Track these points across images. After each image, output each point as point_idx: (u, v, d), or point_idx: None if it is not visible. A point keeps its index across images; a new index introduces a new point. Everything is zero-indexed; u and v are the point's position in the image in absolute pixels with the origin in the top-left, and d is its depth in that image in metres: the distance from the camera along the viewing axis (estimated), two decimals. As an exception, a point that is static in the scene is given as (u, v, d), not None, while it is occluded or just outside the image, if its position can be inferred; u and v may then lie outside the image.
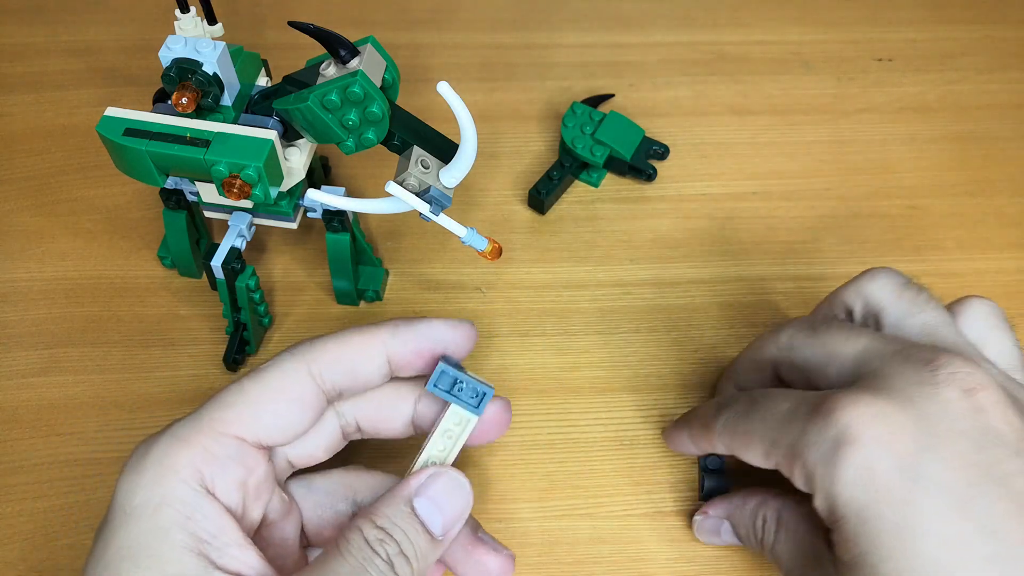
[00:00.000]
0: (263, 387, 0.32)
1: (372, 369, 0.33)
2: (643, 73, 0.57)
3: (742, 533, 0.36)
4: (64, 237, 0.48)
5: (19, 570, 0.39)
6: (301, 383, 0.32)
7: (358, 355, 0.33)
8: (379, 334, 0.33)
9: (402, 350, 0.33)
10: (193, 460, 0.30)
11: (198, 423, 0.31)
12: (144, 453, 0.30)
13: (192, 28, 0.40)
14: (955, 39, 0.59)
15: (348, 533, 0.30)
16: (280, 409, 0.32)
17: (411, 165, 0.38)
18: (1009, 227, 0.50)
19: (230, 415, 0.31)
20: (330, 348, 0.32)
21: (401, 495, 0.31)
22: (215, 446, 0.30)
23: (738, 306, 0.47)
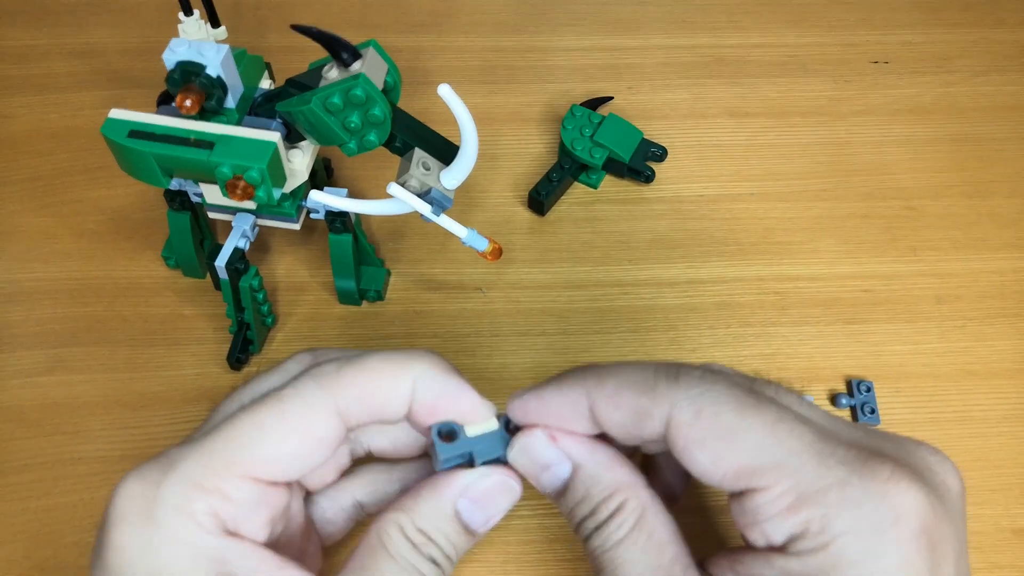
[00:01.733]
0: (285, 423, 0.28)
1: (396, 409, 0.29)
2: (641, 76, 0.57)
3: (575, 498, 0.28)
4: (69, 238, 0.49)
5: (23, 567, 0.39)
6: (326, 421, 0.28)
7: (385, 392, 0.29)
8: (410, 371, 0.29)
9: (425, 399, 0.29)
10: (212, 508, 0.27)
11: (212, 463, 0.27)
12: (150, 502, 0.26)
13: (196, 31, 0.40)
14: (951, 42, 0.59)
15: (389, 529, 0.28)
16: (303, 450, 0.28)
17: (412, 167, 0.39)
18: (1004, 228, 0.51)
19: (249, 456, 0.27)
20: (359, 380, 0.28)
21: (445, 496, 0.29)
22: (236, 492, 0.27)
23: (735, 306, 0.47)
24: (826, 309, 0.47)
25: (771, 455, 0.25)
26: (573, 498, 0.28)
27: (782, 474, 0.25)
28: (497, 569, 0.39)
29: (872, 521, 0.24)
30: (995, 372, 0.45)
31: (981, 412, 0.44)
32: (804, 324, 0.47)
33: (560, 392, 0.29)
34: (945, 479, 0.26)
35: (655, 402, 0.27)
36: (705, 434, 0.26)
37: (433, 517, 0.29)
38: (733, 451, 0.25)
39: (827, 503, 0.24)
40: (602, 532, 0.27)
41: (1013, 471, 0.42)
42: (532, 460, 0.29)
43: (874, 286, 0.48)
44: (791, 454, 0.25)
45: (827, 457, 0.25)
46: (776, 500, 0.25)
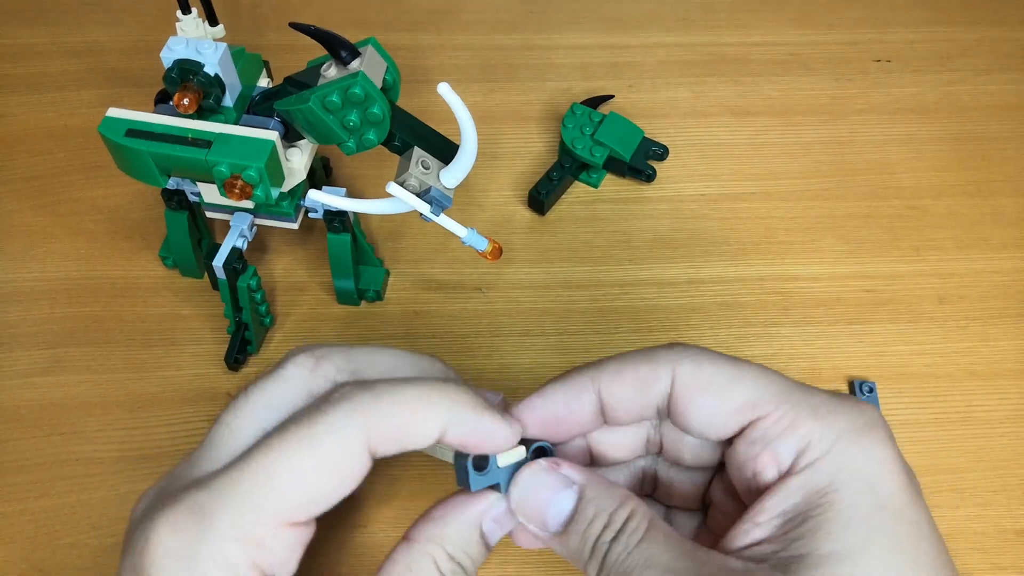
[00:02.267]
0: (321, 463, 0.26)
1: (423, 444, 0.29)
2: (642, 74, 0.57)
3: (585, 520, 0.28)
4: (66, 237, 0.49)
5: (21, 568, 0.39)
6: (359, 458, 0.27)
7: (416, 429, 0.28)
8: (442, 409, 0.28)
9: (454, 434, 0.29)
10: (254, 559, 0.26)
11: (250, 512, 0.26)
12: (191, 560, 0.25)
13: (193, 29, 0.40)
14: (953, 40, 0.59)
15: (422, 561, 0.28)
16: (336, 488, 0.27)
17: (412, 166, 0.38)
18: (1007, 227, 0.50)
19: (286, 503, 0.26)
20: (393, 417, 0.27)
21: (470, 518, 0.29)
22: (275, 542, 0.26)
23: (737, 306, 0.47)
24: (828, 309, 0.47)
25: (768, 389, 0.29)
26: (584, 519, 0.28)
27: (780, 401, 0.28)
28: (497, 571, 0.39)
29: (858, 425, 0.28)
30: (998, 372, 0.45)
31: (984, 413, 0.44)
32: (806, 324, 0.46)
33: (564, 384, 0.31)
34: None
35: (657, 365, 0.29)
36: (708, 381, 0.29)
37: (462, 543, 0.29)
38: (735, 390, 0.29)
39: (820, 417, 0.28)
40: (621, 538, 0.28)
41: (1015, 472, 0.42)
42: (537, 490, 0.29)
43: (876, 286, 0.48)
44: (782, 388, 0.29)
45: (808, 389, 0.29)
46: (779, 421, 0.28)
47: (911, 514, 0.27)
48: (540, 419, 0.30)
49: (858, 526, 0.26)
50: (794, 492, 0.27)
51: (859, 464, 0.27)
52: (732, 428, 0.29)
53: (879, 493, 0.27)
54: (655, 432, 0.32)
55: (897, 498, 0.27)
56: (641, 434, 0.32)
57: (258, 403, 0.29)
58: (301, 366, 0.30)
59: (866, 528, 0.26)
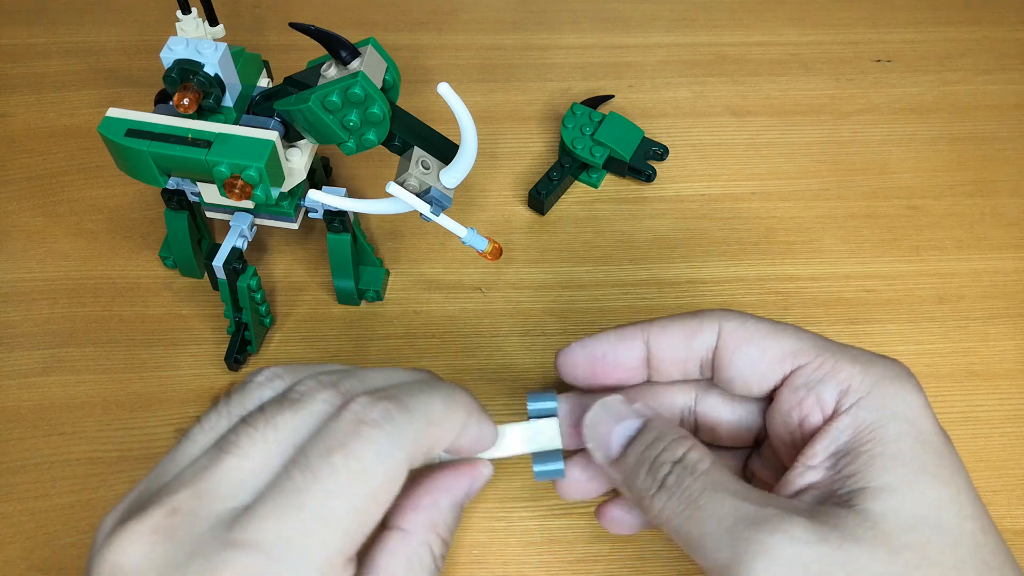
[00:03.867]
0: (371, 493, 0.25)
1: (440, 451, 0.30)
2: (642, 74, 0.57)
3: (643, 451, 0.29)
4: (66, 237, 0.49)
5: (20, 569, 0.39)
6: (402, 481, 0.27)
7: (443, 441, 0.29)
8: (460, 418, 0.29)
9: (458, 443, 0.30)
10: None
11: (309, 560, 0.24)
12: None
13: (193, 29, 0.40)
14: (953, 40, 0.59)
15: (422, 554, 0.28)
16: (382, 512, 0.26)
17: (412, 166, 0.38)
18: (1007, 227, 0.50)
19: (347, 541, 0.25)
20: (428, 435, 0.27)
21: (457, 501, 0.30)
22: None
23: (737, 306, 0.47)
24: (828, 309, 0.47)
25: (807, 341, 0.31)
26: (644, 441, 0.30)
27: (819, 351, 0.30)
28: (497, 571, 0.39)
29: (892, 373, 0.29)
30: (998, 373, 0.45)
31: (984, 413, 0.44)
32: (806, 324, 0.46)
33: (616, 331, 0.33)
34: None
35: (704, 319, 0.32)
36: (751, 334, 0.31)
37: (452, 523, 0.30)
38: (777, 342, 0.31)
39: (858, 362, 0.30)
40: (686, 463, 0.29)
41: (1015, 472, 0.42)
42: (611, 414, 0.31)
43: (876, 286, 0.48)
44: (820, 341, 0.31)
45: (844, 345, 0.31)
46: (821, 367, 0.30)
47: (949, 454, 0.28)
48: (589, 356, 0.33)
49: (907, 458, 0.27)
50: (843, 431, 0.28)
51: (900, 405, 0.29)
52: (775, 378, 0.31)
53: (921, 431, 0.28)
54: (690, 415, 0.34)
55: (936, 438, 0.28)
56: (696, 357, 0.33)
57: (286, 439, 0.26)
58: (329, 403, 0.27)
59: (914, 461, 0.27)
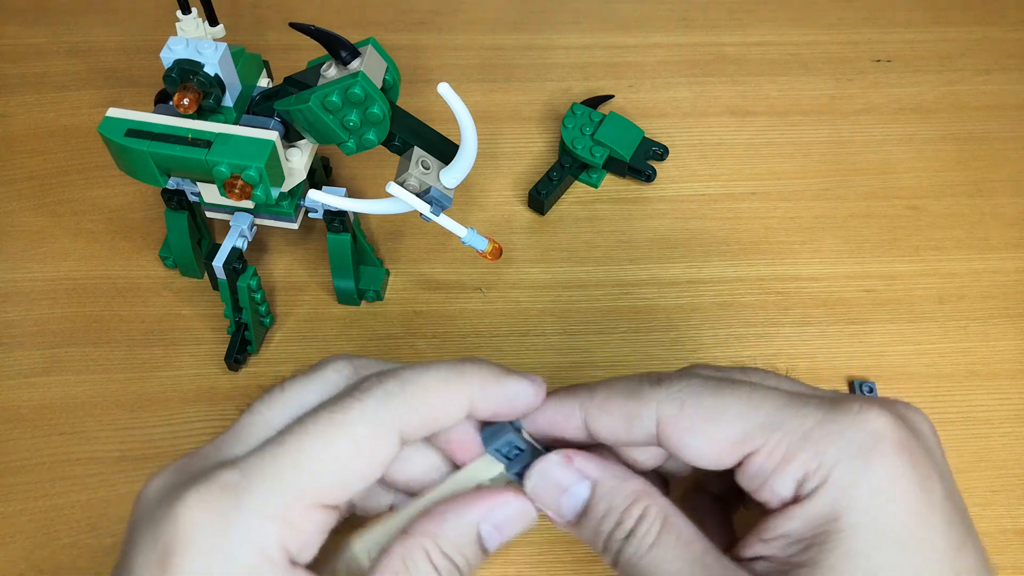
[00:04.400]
0: (354, 448, 0.27)
1: (450, 423, 0.30)
2: (642, 74, 0.57)
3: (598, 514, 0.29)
4: (66, 237, 0.49)
5: (20, 568, 0.39)
6: (390, 443, 0.28)
7: (445, 411, 0.29)
8: (469, 386, 0.29)
9: (484, 407, 0.30)
10: (282, 539, 0.26)
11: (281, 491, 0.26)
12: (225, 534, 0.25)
13: (193, 29, 0.40)
14: (953, 40, 0.59)
15: (415, 556, 0.28)
16: (368, 472, 0.28)
17: (412, 166, 0.38)
18: (1007, 227, 0.50)
19: (319, 485, 0.27)
20: (423, 402, 0.28)
21: (469, 519, 0.29)
22: (304, 522, 0.27)
23: (737, 306, 0.47)
24: (828, 309, 0.47)
25: (753, 420, 0.28)
26: (596, 515, 0.29)
27: (768, 432, 0.27)
28: (497, 571, 0.39)
29: (856, 446, 0.26)
30: (998, 373, 0.45)
31: (984, 413, 0.44)
32: (806, 324, 0.46)
33: (556, 404, 0.31)
34: (908, 413, 0.28)
35: (642, 404, 0.29)
36: (692, 421, 0.28)
37: (458, 542, 0.29)
38: (720, 427, 0.28)
39: (814, 441, 0.27)
40: (632, 541, 0.28)
41: (1015, 472, 0.42)
42: (550, 484, 0.30)
43: (876, 286, 0.48)
44: (770, 415, 0.28)
45: (800, 408, 0.28)
46: (771, 455, 0.27)
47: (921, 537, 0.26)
48: (538, 428, 0.31)
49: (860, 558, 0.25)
50: (796, 520, 0.27)
51: (862, 490, 0.26)
52: (727, 463, 0.28)
53: (884, 521, 0.26)
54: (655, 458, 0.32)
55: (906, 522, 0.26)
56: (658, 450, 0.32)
57: (293, 398, 0.29)
58: (340, 372, 0.30)
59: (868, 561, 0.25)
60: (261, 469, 0.26)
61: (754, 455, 0.27)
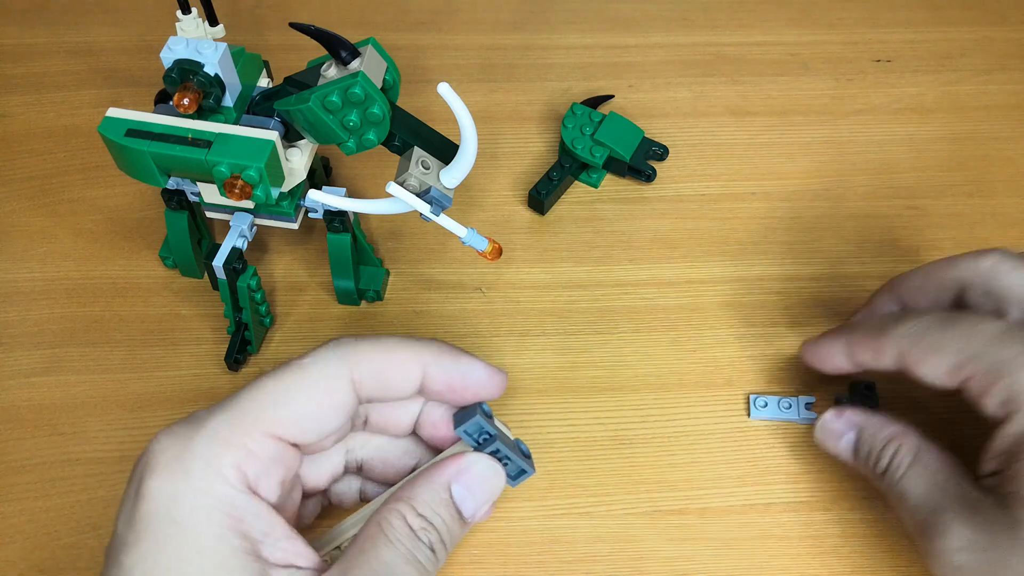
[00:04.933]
0: (307, 387, 0.31)
1: (406, 387, 0.33)
2: (642, 74, 0.57)
3: (864, 452, 0.37)
4: (66, 237, 0.49)
5: (20, 569, 0.39)
6: (343, 388, 0.31)
7: (398, 369, 0.32)
8: (422, 353, 0.33)
9: (438, 376, 0.33)
10: (238, 462, 0.29)
11: (239, 421, 0.30)
12: (181, 453, 0.29)
13: (193, 29, 0.40)
14: (953, 40, 0.59)
15: (390, 517, 0.30)
16: (322, 413, 0.31)
17: (412, 166, 0.38)
18: (1008, 227, 0.50)
19: (273, 415, 0.30)
20: (374, 356, 0.32)
21: (440, 481, 0.32)
22: (259, 448, 0.30)
23: (737, 306, 0.47)
24: (828, 309, 0.47)
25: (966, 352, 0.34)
26: (862, 452, 0.37)
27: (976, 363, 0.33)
28: (498, 571, 0.39)
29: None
30: (998, 372, 0.45)
31: (984, 413, 0.44)
32: (806, 324, 0.46)
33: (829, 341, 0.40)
34: None
35: (886, 339, 0.36)
36: (921, 353, 0.35)
37: (431, 503, 0.31)
38: (940, 358, 0.34)
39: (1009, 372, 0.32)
40: (888, 472, 0.36)
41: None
42: (829, 431, 0.38)
43: (877, 286, 0.48)
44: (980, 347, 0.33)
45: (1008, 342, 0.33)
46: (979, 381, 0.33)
47: None
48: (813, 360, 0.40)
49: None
50: (1004, 438, 0.32)
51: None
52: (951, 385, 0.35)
53: None
54: None
55: None
56: None
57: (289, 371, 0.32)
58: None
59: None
60: (223, 405, 0.30)
61: (969, 380, 0.34)
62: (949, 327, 0.35)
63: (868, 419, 0.38)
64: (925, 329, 0.35)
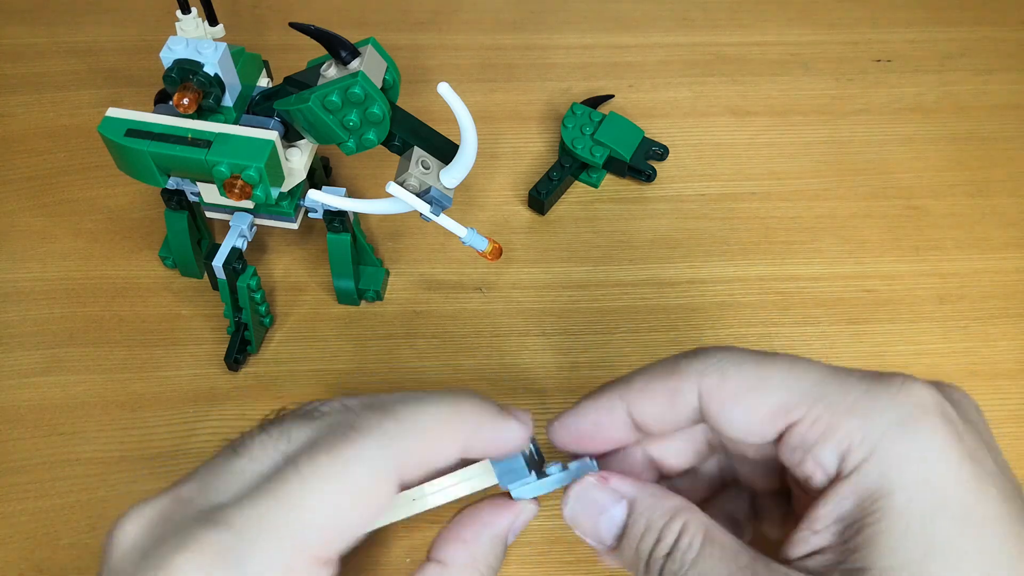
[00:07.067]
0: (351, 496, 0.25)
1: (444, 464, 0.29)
2: (642, 74, 0.57)
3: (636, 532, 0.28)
4: (66, 237, 0.49)
5: (20, 569, 0.39)
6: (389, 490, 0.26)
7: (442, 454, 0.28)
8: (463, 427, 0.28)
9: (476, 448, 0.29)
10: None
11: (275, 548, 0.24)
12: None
13: (193, 29, 0.40)
14: (954, 40, 0.59)
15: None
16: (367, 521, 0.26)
17: (412, 166, 0.38)
18: (1007, 227, 0.50)
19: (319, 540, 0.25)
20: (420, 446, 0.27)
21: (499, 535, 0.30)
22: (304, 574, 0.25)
23: (737, 306, 0.47)
24: (828, 309, 0.47)
25: (796, 390, 0.27)
26: (635, 534, 0.28)
27: (812, 402, 0.26)
28: (497, 571, 0.39)
29: (902, 416, 0.25)
30: (998, 373, 0.45)
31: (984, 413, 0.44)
32: (806, 324, 0.46)
33: (594, 401, 0.30)
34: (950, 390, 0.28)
35: (683, 377, 0.28)
36: (735, 389, 0.27)
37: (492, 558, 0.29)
38: (762, 396, 0.27)
39: (858, 412, 0.26)
40: (675, 556, 0.27)
41: (1016, 472, 0.42)
42: (588, 505, 0.29)
43: (876, 286, 0.48)
44: (813, 385, 0.27)
45: (843, 380, 0.27)
46: (815, 424, 0.26)
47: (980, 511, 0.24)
48: (575, 435, 0.30)
49: (917, 534, 0.24)
50: (845, 498, 0.25)
51: (911, 461, 0.25)
52: (769, 435, 0.27)
53: (938, 492, 0.24)
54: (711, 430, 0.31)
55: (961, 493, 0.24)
56: (698, 437, 0.31)
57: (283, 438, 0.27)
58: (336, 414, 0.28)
59: (926, 536, 0.24)
60: (257, 525, 0.24)
61: (797, 425, 0.27)
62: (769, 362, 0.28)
63: (644, 487, 0.29)
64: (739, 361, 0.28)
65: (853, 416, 0.26)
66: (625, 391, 0.30)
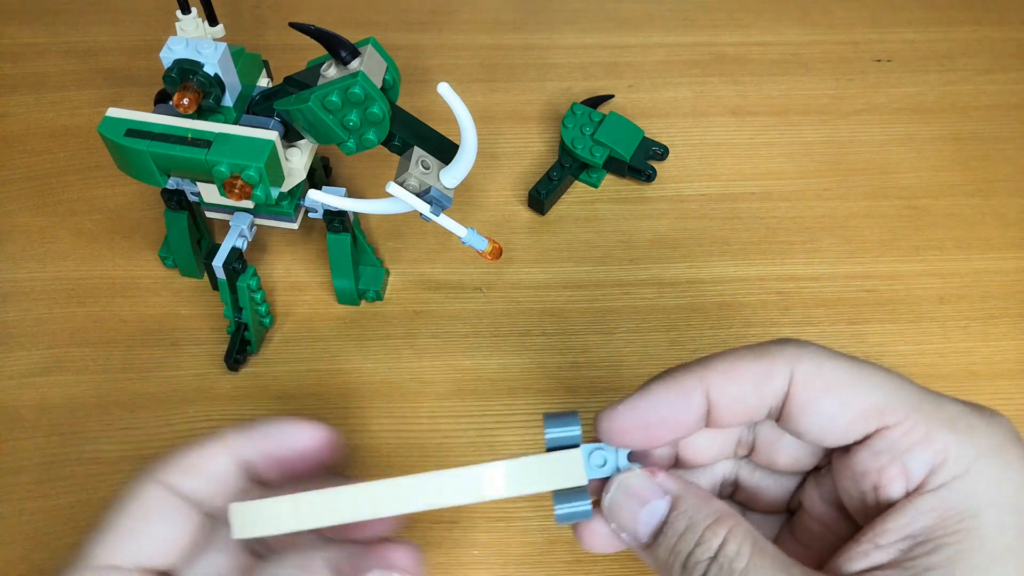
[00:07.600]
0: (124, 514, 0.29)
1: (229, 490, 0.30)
2: (642, 74, 0.57)
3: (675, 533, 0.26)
4: (66, 237, 0.49)
5: (21, 569, 0.39)
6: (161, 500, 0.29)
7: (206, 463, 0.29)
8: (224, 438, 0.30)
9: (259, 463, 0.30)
10: None
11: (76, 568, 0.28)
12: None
13: (193, 29, 0.40)
14: (954, 40, 0.59)
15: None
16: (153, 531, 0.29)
17: (412, 166, 0.38)
18: (1008, 227, 0.50)
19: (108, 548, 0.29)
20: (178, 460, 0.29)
21: None
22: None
23: (737, 306, 0.47)
24: (828, 309, 0.47)
25: (896, 394, 0.26)
26: (674, 532, 0.26)
27: (910, 409, 0.25)
28: (498, 571, 0.39)
29: (999, 442, 0.25)
30: (998, 373, 0.45)
31: (984, 413, 0.44)
32: (806, 324, 0.46)
33: (670, 384, 0.28)
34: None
35: (775, 361, 0.26)
36: (830, 381, 0.26)
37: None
38: (861, 393, 0.26)
39: (959, 430, 0.25)
40: (721, 562, 0.25)
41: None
42: (630, 496, 0.27)
43: (876, 286, 0.48)
44: (912, 394, 0.26)
45: (939, 398, 0.26)
46: (911, 431, 0.25)
47: None
48: (642, 422, 0.27)
49: (1005, 559, 0.23)
50: (926, 513, 0.24)
51: (1006, 487, 0.24)
52: (854, 435, 0.26)
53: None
54: (748, 433, 0.30)
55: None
56: (733, 436, 0.30)
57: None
58: None
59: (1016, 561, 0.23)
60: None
61: (890, 429, 0.25)
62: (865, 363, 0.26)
63: (689, 486, 0.27)
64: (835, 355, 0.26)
65: (953, 432, 0.25)
66: (705, 372, 0.27)
